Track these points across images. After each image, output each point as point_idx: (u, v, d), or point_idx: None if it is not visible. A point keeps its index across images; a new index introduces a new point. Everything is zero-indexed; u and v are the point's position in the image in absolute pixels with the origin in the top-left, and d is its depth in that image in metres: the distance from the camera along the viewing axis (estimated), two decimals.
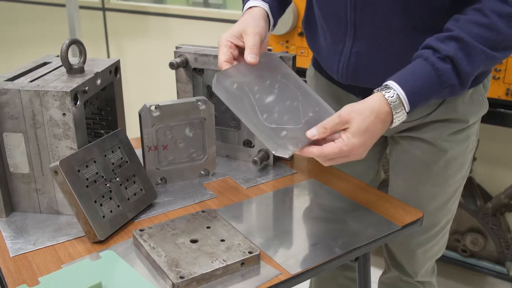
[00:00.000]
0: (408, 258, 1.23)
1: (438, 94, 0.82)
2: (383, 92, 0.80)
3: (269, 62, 0.91)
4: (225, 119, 1.17)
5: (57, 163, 0.84)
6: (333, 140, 0.81)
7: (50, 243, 0.87)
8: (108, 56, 2.60)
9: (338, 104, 1.09)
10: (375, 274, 1.69)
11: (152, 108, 1.00)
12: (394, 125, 0.82)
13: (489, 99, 1.11)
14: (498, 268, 1.71)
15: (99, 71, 0.98)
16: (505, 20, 0.79)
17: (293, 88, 0.88)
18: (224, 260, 0.79)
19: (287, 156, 0.79)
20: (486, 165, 1.80)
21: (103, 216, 0.88)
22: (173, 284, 0.75)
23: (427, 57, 0.82)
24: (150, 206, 0.98)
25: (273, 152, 0.79)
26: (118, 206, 0.91)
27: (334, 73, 1.04)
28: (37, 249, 0.86)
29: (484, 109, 1.04)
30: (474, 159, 1.72)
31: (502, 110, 1.52)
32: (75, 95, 0.88)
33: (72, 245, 0.87)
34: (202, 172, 1.10)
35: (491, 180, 1.80)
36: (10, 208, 0.95)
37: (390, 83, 0.81)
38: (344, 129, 0.80)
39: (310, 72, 1.23)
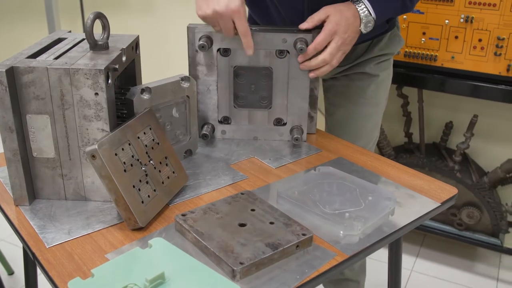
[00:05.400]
0: None
1: (393, 4, 1.10)
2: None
3: (324, 172, 0.99)
4: (255, 100, 1.12)
5: (95, 146, 0.78)
6: None
7: (86, 232, 0.82)
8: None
9: None
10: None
11: (142, 92, 0.94)
12: (362, 21, 1.05)
13: (489, 75, 1.54)
14: (492, 240, 1.76)
15: (124, 47, 0.92)
16: None
17: (349, 184, 0.95)
18: (279, 244, 0.76)
19: (355, 233, 0.83)
20: (481, 141, 1.83)
21: (142, 202, 0.83)
22: (233, 270, 0.72)
23: None
24: (181, 189, 0.94)
25: (341, 232, 0.84)
26: (155, 190, 0.86)
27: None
28: (73, 239, 0.80)
29: (402, 43, 1.32)
30: (472, 135, 1.74)
31: (503, 86, 1.54)
32: (107, 73, 0.82)
33: (110, 233, 0.82)
34: (184, 153, 1.06)
35: (485, 155, 1.84)
36: (33, 195, 0.89)
37: None
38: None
39: None
